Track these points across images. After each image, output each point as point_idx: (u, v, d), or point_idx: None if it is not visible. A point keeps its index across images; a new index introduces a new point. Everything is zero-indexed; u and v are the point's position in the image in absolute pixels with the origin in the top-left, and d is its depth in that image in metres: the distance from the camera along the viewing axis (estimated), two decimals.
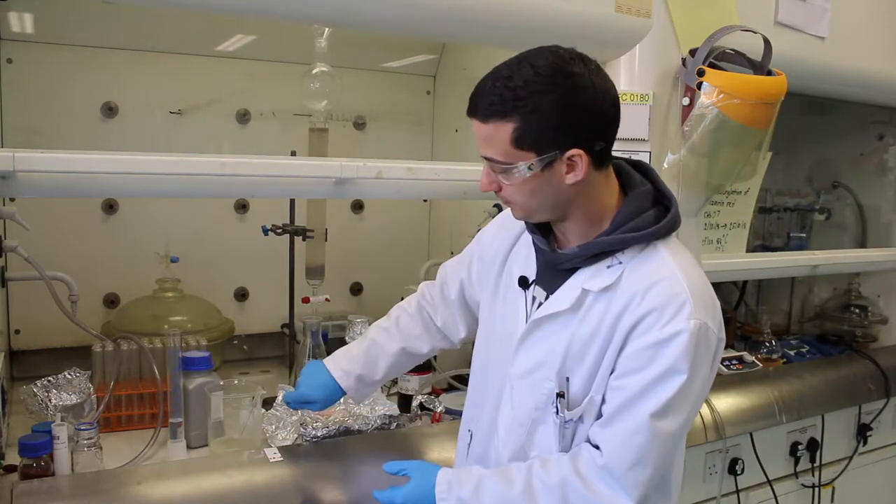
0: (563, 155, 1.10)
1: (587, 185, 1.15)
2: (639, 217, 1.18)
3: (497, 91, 1.08)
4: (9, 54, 2.05)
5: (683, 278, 1.14)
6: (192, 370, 1.66)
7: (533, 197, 1.15)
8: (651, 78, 1.74)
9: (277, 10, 1.44)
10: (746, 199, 2.30)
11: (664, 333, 1.11)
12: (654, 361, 1.11)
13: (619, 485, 1.13)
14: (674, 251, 1.19)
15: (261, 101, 2.39)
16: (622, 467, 1.13)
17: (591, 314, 1.18)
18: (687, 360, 1.10)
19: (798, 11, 2.00)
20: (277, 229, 2.11)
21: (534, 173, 1.11)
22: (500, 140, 1.10)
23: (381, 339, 1.52)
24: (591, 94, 1.10)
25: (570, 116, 1.09)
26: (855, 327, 2.69)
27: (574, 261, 1.20)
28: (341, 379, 1.48)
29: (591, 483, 1.13)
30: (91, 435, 1.45)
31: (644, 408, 1.12)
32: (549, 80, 1.07)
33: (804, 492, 2.35)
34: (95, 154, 1.32)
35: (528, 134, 1.08)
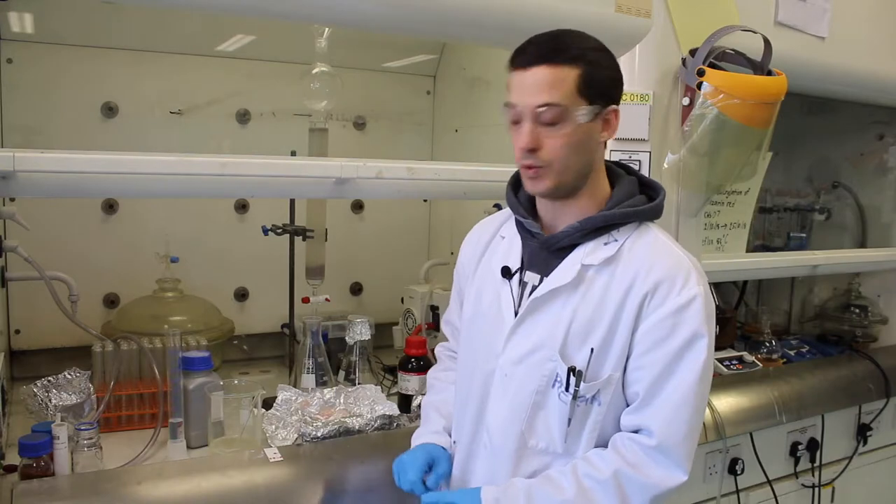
0: (606, 110, 1.20)
1: (601, 155, 1.26)
2: (633, 198, 1.26)
3: (564, 41, 1.18)
4: (9, 54, 2.05)
5: (681, 251, 1.24)
6: (192, 370, 1.66)
7: (575, 152, 1.19)
8: (651, 78, 1.74)
9: (277, 10, 1.44)
10: (746, 199, 2.30)
11: (681, 300, 1.17)
12: (678, 329, 1.17)
13: (673, 461, 1.16)
14: (664, 231, 1.28)
15: (261, 101, 2.39)
16: (675, 442, 1.16)
17: (593, 290, 1.20)
18: (707, 323, 1.17)
19: (798, 11, 2.00)
20: (277, 229, 2.11)
21: (582, 123, 1.18)
22: (566, 84, 1.16)
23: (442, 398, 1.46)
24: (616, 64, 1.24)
25: (616, 76, 1.22)
26: (855, 327, 2.69)
27: (574, 236, 1.23)
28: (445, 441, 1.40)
29: (644, 468, 1.16)
30: (91, 435, 1.45)
31: (683, 377, 1.16)
32: (596, 42, 1.22)
33: (804, 492, 2.35)
34: (95, 154, 1.32)
35: (589, 82, 1.17)
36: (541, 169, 1.19)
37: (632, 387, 1.20)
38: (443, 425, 1.42)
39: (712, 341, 1.18)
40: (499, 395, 1.27)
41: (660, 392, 1.17)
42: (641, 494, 1.16)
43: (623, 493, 1.15)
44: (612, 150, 1.76)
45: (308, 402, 1.72)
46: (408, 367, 1.90)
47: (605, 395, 1.20)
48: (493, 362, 1.27)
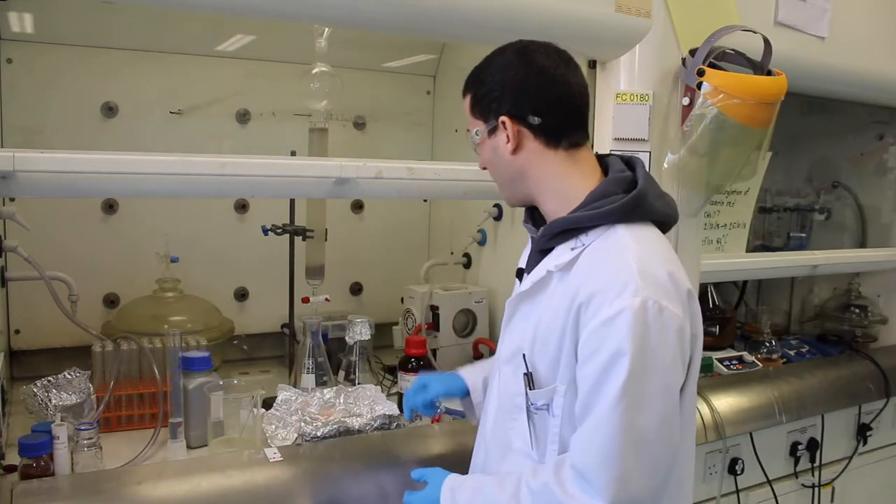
0: (498, 122, 1.22)
1: (538, 160, 1.22)
2: (605, 199, 1.18)
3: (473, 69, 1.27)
4: (9, 54, 2.05)
5: (633, 258, 1.11)
6: (191, 370, 1.66)
7: (493, 169, 1.29)
8: (651, 78, 1.74)
9: (277, 10, 1.44)
10: (746, 199, 2.30)
11: (609, 312, 1.07)
12: (603, 344, 1.08)
13: (591, 486, 1.08)
14: (637, 235, 1.16)
15: (261, 101, 2.39)
16: (590, 466, 1.09)
17: (555, 296, 1.19)
18: (632, 340, 1.05)
19: (798, 11, 2.00)
20: (277, 229, 2.11)
21: (483, 140, 1.25)
22: (466, 111, 1.28)
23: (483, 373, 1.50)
24: (530, 69, 1.21)
25: (499, 86, 1.21)
26: (855, 327, 2.69)
27: (542, 241, 1.24)
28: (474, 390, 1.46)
29: (567, 487, 1.10)
30: (91, 435, 1.45)
31: (601, 399, 1.08)
32: (501, 57, 1.24)
33: (804, 492, 2.35)
34: (95, 154, 1.32)
35: (476, 103, 1.25)
36: None
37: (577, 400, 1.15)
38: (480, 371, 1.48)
39: (644, 360, 1.06)
40: (494, 391, 1.31)
41: (583, 413, 1.11)
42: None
43: None
44: (612, 150, 1.76)
45: (308, 402, 1.72)
46: (408, 367, 1.90)
47: (557, 406, 1.17)
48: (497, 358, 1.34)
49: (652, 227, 1.21)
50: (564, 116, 1.22)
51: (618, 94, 1.74)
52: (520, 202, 1.31)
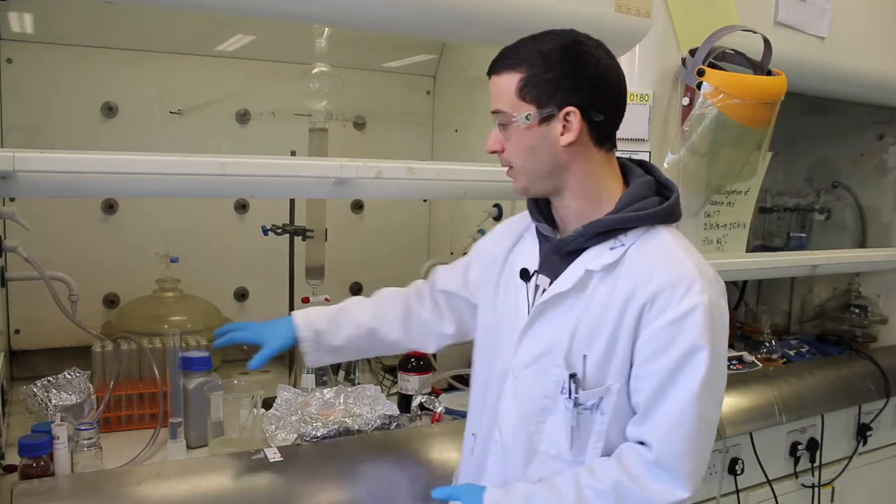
0: (560, 112, 1.16)
1: (583, 155, 1.20)
2: (642, 201, 1.21)
3: (515, 47, 1.20)
4: (9, 54, 2.05)
5: (687, 258, 1.17)
6: (191, 370, 1.66)
7: (530, 156, 1.20)
8: (651, 78, 1.74)
9: (277, 10, 1.44)
10: (746, 199, 2.30)
11: (680, 310, 1.12)
12: (676, 339, 1.12)
13: (673, 477, 1.13)
14: (676, 236, 1.22)
15: (261, 101, 2.39)
16: (674, 458, 1.13)
17: (597, 296, 1.18)
18: (707, 334, 1.12)
19: (798, 11, 2.00)
20: (277, 229, 2.11)
21: (531, 126, 1.17)
22: (507, 90, 1.18)
23: (355, 310, 1.51)
24: (595, 64, 1.18)
25: (571, 76, 1.16)
26: (855, 327, 2.69)
27: (578, 241, 1.21)
28: (301, 326, 1.48)
29: (644, 481, 1.13)
30: (91, 435, 1.45)
31: (681, 392, 1.12)
32: (560, 41, 1.18)
33: (804, 492, 2.35)
34: (95, 154, 1.32)
35: (530, 85, 1.16)
36: (510, 170, 1.24)
37: (634, 397, 1.18)
38: (318, 328, 1.47)
39: (718, 354, 1.13)
40: (510, 396, 1.26)
41: (659, 405, 1.14)
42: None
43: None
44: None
45: (308, 402, 1.72)
46: (408, 367, 1.90)
47: (608, 404, 1.18)
48: (507, 364, 1.27)
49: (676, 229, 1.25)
50: (618, 118, 1.24)
51: None
52: (539, 194, 1.26)
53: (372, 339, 1.50)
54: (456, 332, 1.50)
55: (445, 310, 1.49)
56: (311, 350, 1.49)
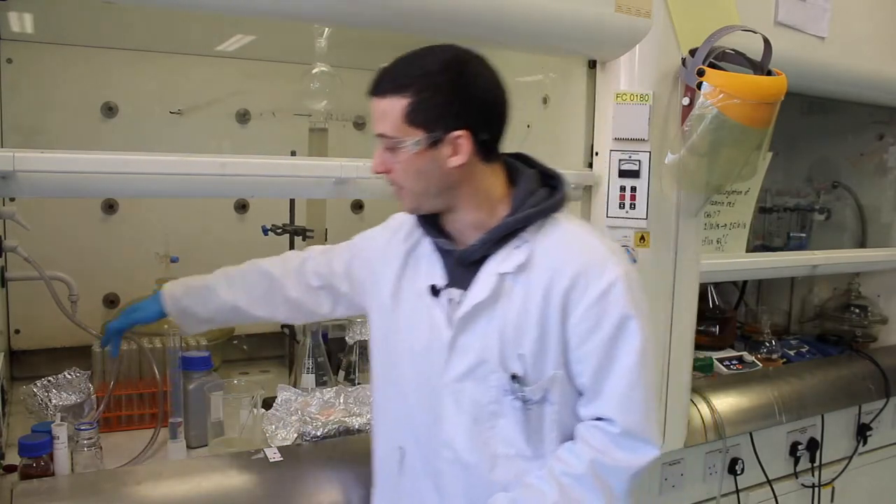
0: (449, 136, 1.16)
1: (472, 173, 1.21)
2: (533, 196, 1.24)
3: (398, 69, 1.18)
4: (9, 54, 2.05)
5: (592, 238, 1.25)
6: (191, 370, 1.66)
7: (420, 178, 1.20)
8: (651, 78, 1.74)
9: (277, 9, 1.44)
10: (746, 199, 2.30)
11: (601, 286, 1.18)
12: (605, 315, 1.18)
13: (641, 442, 1.19)
14: (573, 220, 1.28)
15: (261, 101, 2.39)
16: (637, 426, 1.19)
17: (515, 296, 1.21)
18: (631, 302, 1.18)
19: (798, 11, 2.00)
20: (277, 229, 2.11)
21: (420, 151, 1.16)
22: (393, 115, 1.16)
23: (219, 286, 1.53)
24: (481, 84, 1.19)
25: (459, 99, 1.16)
26: (855, 327, 2.69)
27: (484, 248, 1.23)
28: (168, 301, 1.52)
29: (617, 453, 1.18)
30: (91, 435, 1.45)
31: (624, 363, 1.18)
32: (445, 64, 1.16)
33: (804, 492, 2.35)
34: (95, 154, 1.32)
35: (418, 110, 1.15)
36: (399, 191, 1.24)
37: (577, 380, 1.22)
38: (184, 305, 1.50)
39: (644, 319, 1.20)
40: (453, 411, 1.24)
41: (605, 381, 1.19)
42: (619, 477, 1.19)
43: (602, 481, 1.17)
44: (612, 151, 1.76)
45: (308, 402, 1.72)
46: None
47: (554, 393, 1.21)
48: (437, 381, 1.25)
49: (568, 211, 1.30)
50: (502, 132, 1.24)
51: (618, 94, 1.74)
52: (429, 212, 1.26)
53: (237, 314, 1.54)
54: (328, 312, 1.53)
55: (316, 292, 1.51)
56: (179, 321, 1.54)
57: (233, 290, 1.52)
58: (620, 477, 1.19)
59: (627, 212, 1.76)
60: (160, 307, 1.52)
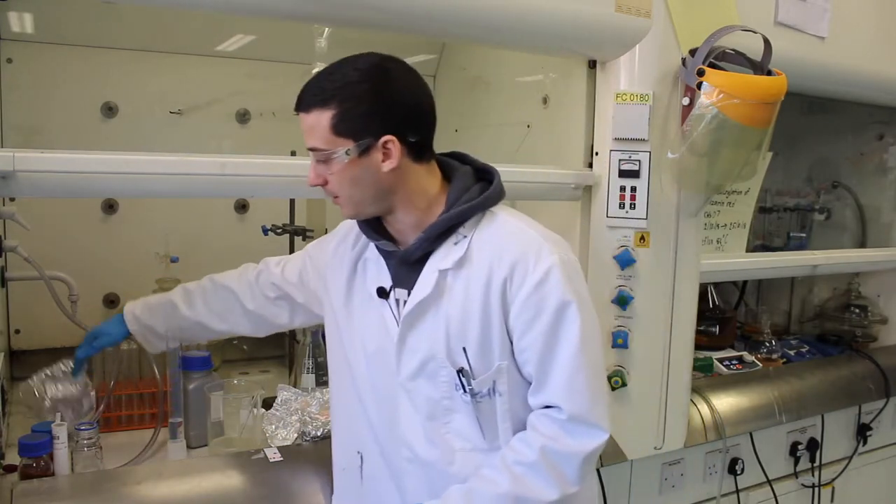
0: (378, 142, 1.18)
1: (406, 175, 1.23)
2: (468, 192, 1.26)
3: (320, 83, 1.19)
4: (9, 54, 2.05)
5: (528, 227, 1.25)
6: (191, 370, 1.66)
7: (355, 186, 1.22)
8: (651, 78, 1.74)
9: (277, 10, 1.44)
10: (746, 198, 2.30)
11: (538, 275, 1.19)
12: (544, 302, 1.19)
13: (589, 426, 1.20)
14: (509, 212, 1.29)
15: (261, 101, 2.39)
16: (584, 410, 1.20)
17: (456, 291, 1.23)
18: (569, 287, 1.19)
19: (798, 11, 2.00)
20: (277, 229, 2.11)
21: (352, 160, 1.19)
22: (321, 128, 1.18)
23: (180, 303, 1.57)
24: (402, 88, 1.21)
25: (383, 105, 1.18)
26: (855, 327, 2.69)
27: (423, 246, 1.25)
28: (130, 321, 1.55)
29: (567, 439, 1.19)
30: (91, 435, 1.45)
31: (566, 348, 1.20)
32: (365, 73, 1.18)
33: (804, 492, 2.35)
34: (95, 154, 1.32)
35: (344, 121, 1.17)
36: (337, 199, 1.26)
37: (524, 369, 1.23)
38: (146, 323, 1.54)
39: (584, 301, 1.21)
40: (409, 410, 1.27)
41: (550, 369, 1.20)
42: (570, 463, 1.19)
43: (554, 467, 1.18)
44: (612, 150, 1.76)
45: (308, 402, 1.72)
46: None
47: (502, 384, 1.23)
48: (391, 381, 1.28)
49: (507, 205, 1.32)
50: (432, 132, 1.27)
51: (618, 94, 1.74)
52: (369, 216, 1.29)
53: (199, 329, 1.58)
54: (287, 323, 1.57)
55: (273, 302, 1.55)
56: (143, 341, 1.57)
57: (193, 306, 1.56)
58: (572, 463, 1.19)
59: (627, 212, 1.76)
60: (124, 328, 1.55)
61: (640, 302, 1.77)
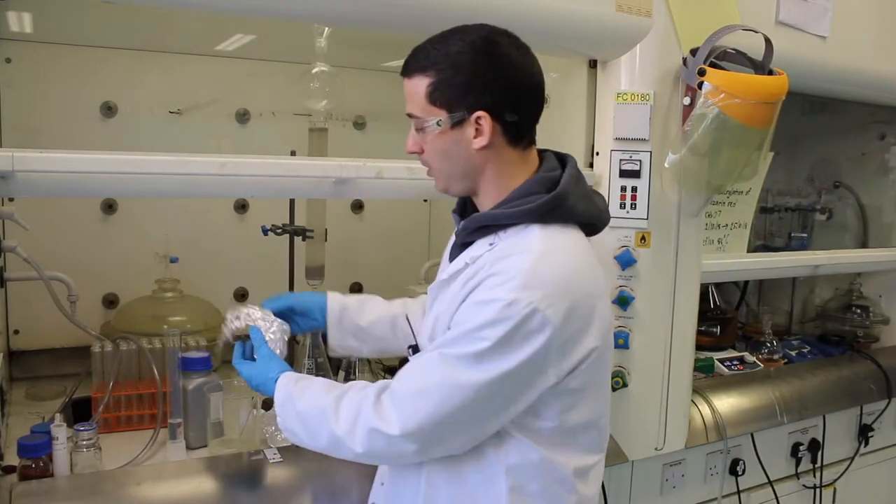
0: (471, 116, 1.16)
1: (498, 157, 1.20)
2: (525, 198, 1.19)
3: (424, 49, 1.19)
4: (8, 54, 2.05)
5: (532, 258, 1.12)
6: (191, 370, 1.65)
7: (445, 159, 1.21)
8: (652, 77, 1.74)
9: (277, 9, 1.43)
10: (747, 199, 2.30)
11: (486, 295, 1.11)
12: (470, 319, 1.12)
13: (397, 408, 1.14)
14: (548, 235, 1.17)
15: (261, 100, 2.39)
16: (404, 391, 1.15)
17: (453, 288, 1.21)
18: (496, 329, 1.08)
19: (799, 11, 2.00)
20: (277, 229, 2.11)
21: (443, 131, 1.18)
22: (418, 95, 1.18)
23: (378, 300, 1.57)
24: (506, 63, 1.17)
25: (480, 79, 1.15)
26: (856, 327, 2.69)
27: (462, 234, 1.24)
28: (331, 299, 1.51)
29: (379, 403, 1.16)
30: (90, 435, 1.45)
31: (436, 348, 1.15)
32: (469, 44, 1.16)
33: (805, 493, 2.35)
34: (95, 154, 1.32)
35: (440, 90, 1.16)
36: (430, 170, 1.26)
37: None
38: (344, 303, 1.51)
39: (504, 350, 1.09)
40: None
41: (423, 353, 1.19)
42: (366, 422, 1.15)
43: (358, 413, 1.16)
44: (613, 150, 1.76)
45: None
46: None
47: None
48: None
49: (572, 229, 1.22)
50: (534, 115, 1.22)
51: (619, 94, 1.74)
52: (460, 193, 1.28)
53: (392, 328, 1.54)
54: None
55: None
56: (335, 328, 1.52)
57: (393, 304, 1.56)
58: (367, 423, 1.15)
59: (628, 212, 1.76)
60: (323, 301, 1.51)
61: (640, 302, 1.77)
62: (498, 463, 1.18)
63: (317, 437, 1.21)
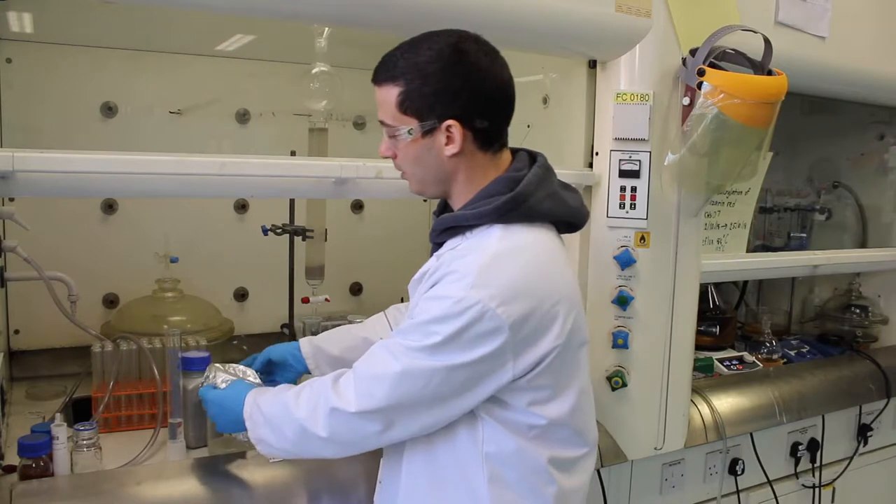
0: (442, 125, 1.18)
1: (469, 162, 1.22)
2: (488, 199, 1.21)
3: (393, 57, 1.19)
4: (8, 54, 2.05)
5: (484, 258, 1.15)
6: (191, 370, 1.65)
7: (417, 165, 1.23)
8: (651, 78, 1.74)
9: (277, 9, 1.43)
10: (747, 199, 2.30)
11: (439, 292, 1.15)
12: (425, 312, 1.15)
13: (355, 388, 1.17)
14: (508, 235, 1.19)
15: (261, 101, 2.39)
16: (363, 374, 1.18)
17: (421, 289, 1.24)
18: (444, 325, 1.12)
19: (798, 11, 2.00)
20: (277, 229, 2.11)
21: (415, 139, 1.19)
22: (388, 103, 1.19)
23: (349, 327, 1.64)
24: (474, 71, 1.17)
25: (450, 88, 1.16)
26: (855, 327, 2.69)
27: (432, 235, 1.27)
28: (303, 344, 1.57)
29: (337, 384, 1.20)
30: (90, 435, 1.45)
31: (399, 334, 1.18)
32: (437, 52, 1.17)
33: (805, 492, 2.35)
34: (95, 154, 1.32)
35: (410, 99, 1.17)
36: (403, 174, 1.28)
37: None
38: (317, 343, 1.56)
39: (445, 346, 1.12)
40: None
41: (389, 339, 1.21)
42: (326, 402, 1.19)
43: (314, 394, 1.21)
44: (612, 151, 1.76)
45: None
46: None
47: None
48: None
49: (539, 229, 1.23)
50: (504, 119, 1.24)
51: (618, 94, 1.74)
52: (434, 196, 1.31)
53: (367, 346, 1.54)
54: None
55: None
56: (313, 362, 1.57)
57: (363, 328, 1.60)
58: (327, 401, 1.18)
59: (627, 212, 1.76)
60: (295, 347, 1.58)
61: (640, 302, 1.77)
62: (475, 450, 1.20)
63: (283, 433, 1.23)
